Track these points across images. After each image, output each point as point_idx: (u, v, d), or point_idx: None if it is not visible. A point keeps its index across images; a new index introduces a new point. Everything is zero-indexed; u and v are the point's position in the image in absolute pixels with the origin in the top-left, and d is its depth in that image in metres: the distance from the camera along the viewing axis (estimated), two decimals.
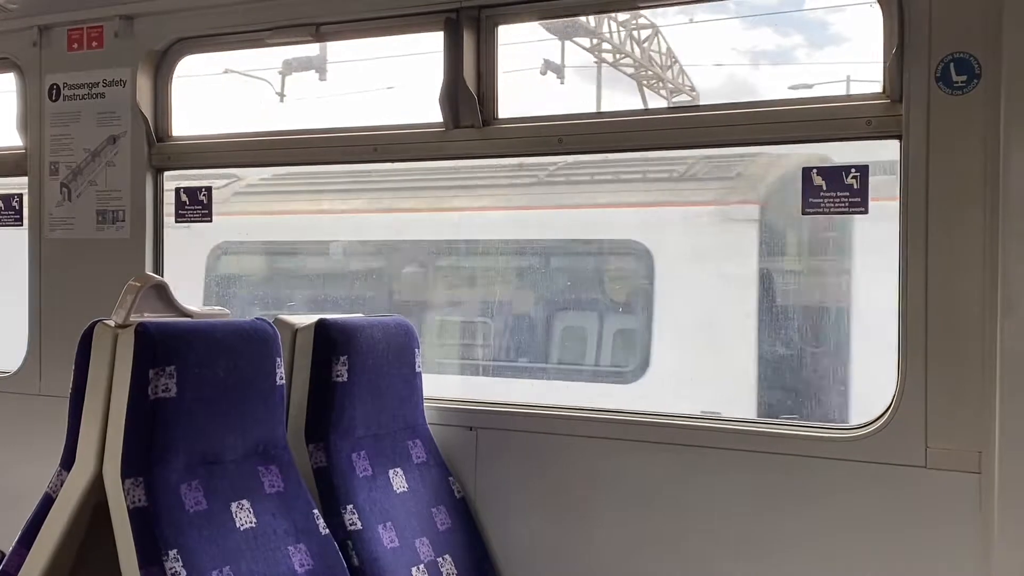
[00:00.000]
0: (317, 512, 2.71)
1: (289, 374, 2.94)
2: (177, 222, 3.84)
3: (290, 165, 3.98)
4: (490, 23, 3.30)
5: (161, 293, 2.64)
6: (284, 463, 2.71)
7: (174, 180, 3.86)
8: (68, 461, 2.48)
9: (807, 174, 2.87)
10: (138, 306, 2.53)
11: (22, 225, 4.09)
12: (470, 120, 3.28)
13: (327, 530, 2.71)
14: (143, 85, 3.77)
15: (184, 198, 3.81)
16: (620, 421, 3.14)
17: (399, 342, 3.19)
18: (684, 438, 3.01)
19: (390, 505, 2.98)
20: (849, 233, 5.04)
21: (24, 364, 4.00)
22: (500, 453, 3.24)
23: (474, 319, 6.10)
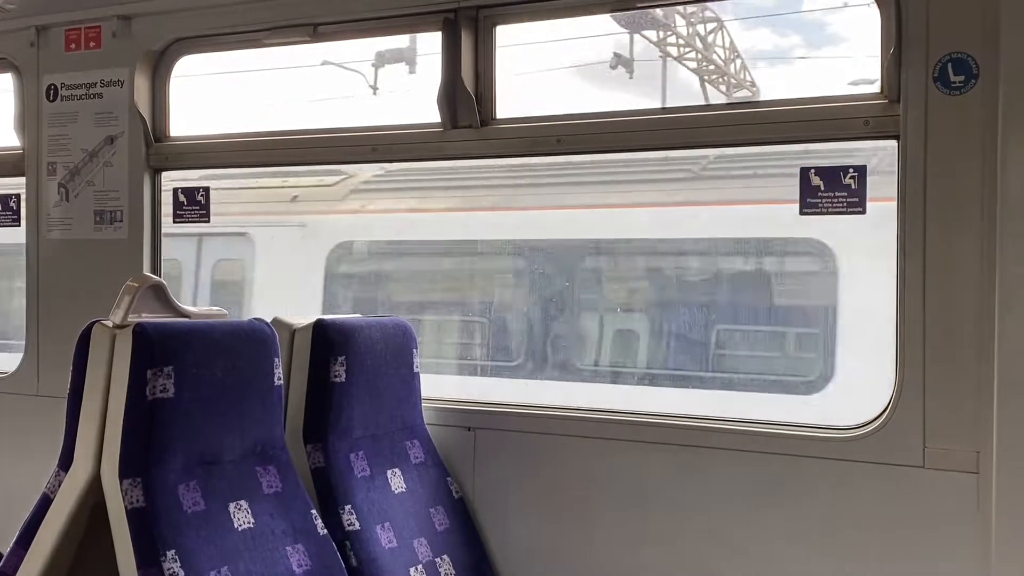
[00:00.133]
0: (315, 512, 2.71)
1: (287, 374, 2.94)
2: (175, 223, 3.84)
3: (288, 165, 3.97)
4: (488, 23, 3.30)
5: (159, 293, 2.63)
6: (282, 463, 2.70)
7: (172, 181, 3.86)
8: (66, 461, 2.48)
9: (805, 174, 2.87)
10: (136, 306, 2.53)
11: (20, 225, 4.09)
12: (468, 120, 3.28)
13: (325, 530, 2.70)
14: (141, 85, 3.77)
15: (182, 198, 3.81)
16: (618, 421, 3.14)
17: (397, 342, 3.19)
18: (682, 438, 3.01)
19: (388, 505, 2.98)
20: None
21: (22, 364, 3.99)
22: (498, 453, 3.24)
23: (632, 326, 5.57)
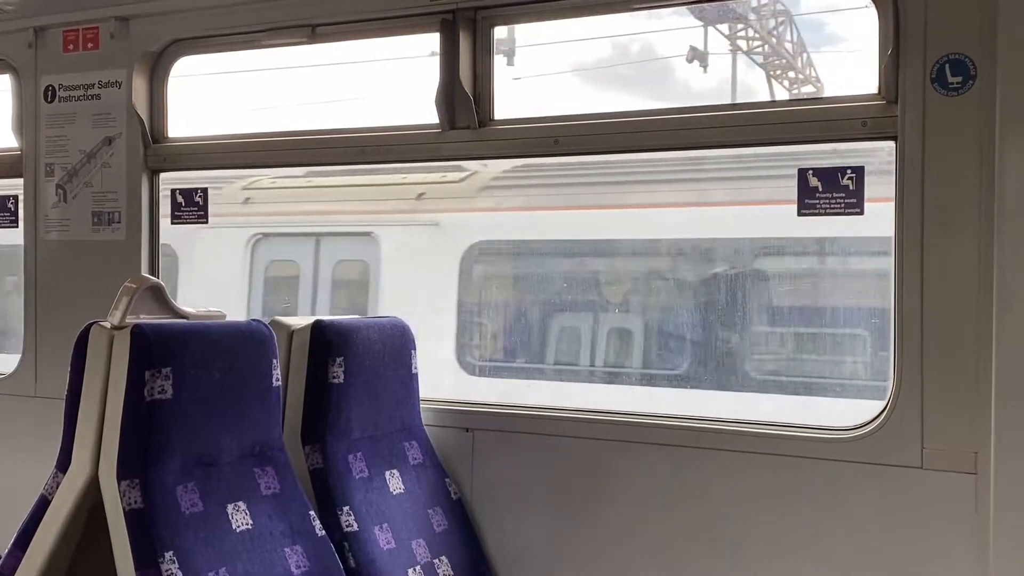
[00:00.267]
0: (313, 514, 2.71)
1: (285, 375, 2.94)
2: (173, 224, 3.84)
3: (285, 166, 3.97)
4: (486, 24, 3.30)
5: (157, 294, 2.63)
6: (280, 465, 2.70)
7: (170, 182, 3.86)
8: (64, 463, 2.48)
9: (803, 175, 2.88)
10: (134, 307, 2.53)
11: (18, 226, 4.09)
12: (466, 121, 3.28)
13: (323, 531, 2.70)
14: (139, 86, 3.76)
15: (180, 199, 3.81)
16: (616, 422, 3.14)
17: (395, 343, 3.19)
18: (680, 439, 3.01)
19: (386, 506, 2.98)
20: None
21: (20, 366, 3.99)
22: (496, 454, 3.24)
23: (837, 328, 5.16)
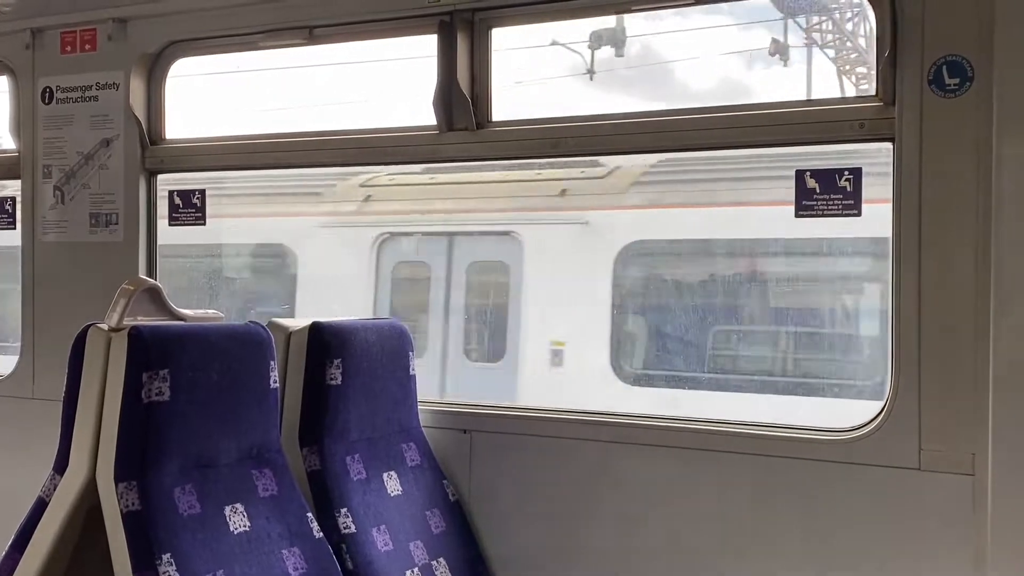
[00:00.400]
0: (311, 515, 2.71)
1: (283, 377, 2.94)
2: (171, 225, 3.84)
3: (283, 167, 3.96)
4: (483, 26, 3.30)
5: (154, 296, 2.63)
6: (278, 466, 2.70)
7: (168, 183, 3.86)
8: (61, 465, 2.47)
9: (800, 176, 2.88)
10: (131, 309, 2.52)
11: (15, 228, 4.09)
12: (464, 123, 3.28)
13: (321, 533, 2.70)
14: (136, 88, 3.76)
15: (177, 201, 3.80)
16: (615, 424, 3.14)
17: (393, 345, 3.19)
18: (677, 441, 3.01)
19: (384, 508, 2.98)
20: None
21: (17, 367, 3.99)
22: (494, 456, 3.24)
23: None
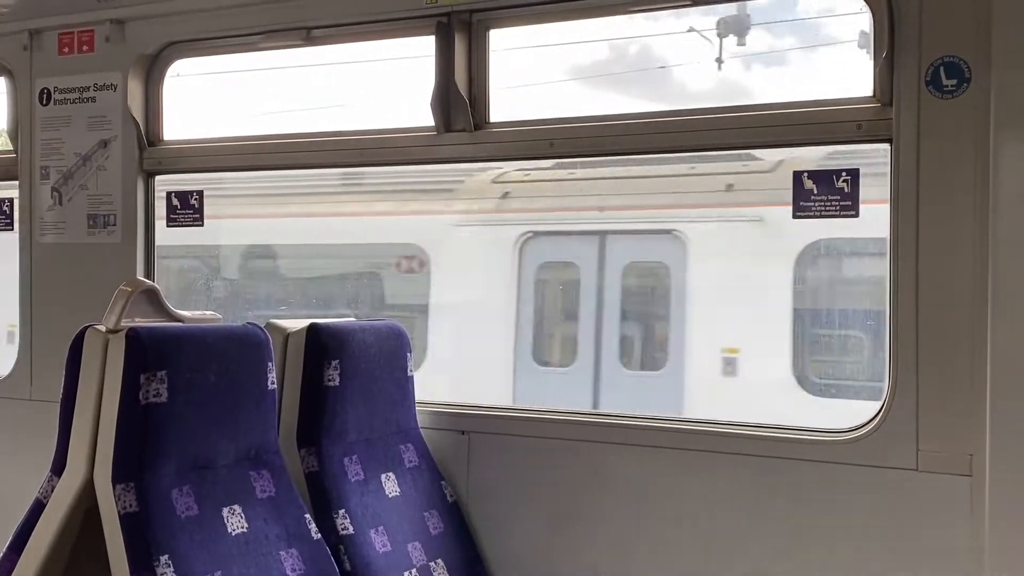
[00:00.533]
0: (309, 517, 2.71)
1: (281, 379, 2.94)
2: (169, 226, 3.84)
3: (281, 168, 3.97)
4: (481, 27, 3.30)
5: (152, 298, 2.63)
6: (276, 468, 2.70)
7: (166, 184, 3.86)
8: (59, 466, 2.47)
9: (798, 177, 2.88)
10: (129, 311, 2.52)
11: (13, 229, 4.08)
12: (461, 124, 3.28)
13: (319, 535, 2.70)
14: (134, 89, 3.76)
15: (175, 202, 3.80)
16: (613, 424, 3.14)
17: (391, 346, 3.19)
18: (675, 441, 3.01)
19: (382, 509, 2.98)
20: None
21: (15, 369, 3.98)
22: (492, 457, 3.24)
23: None
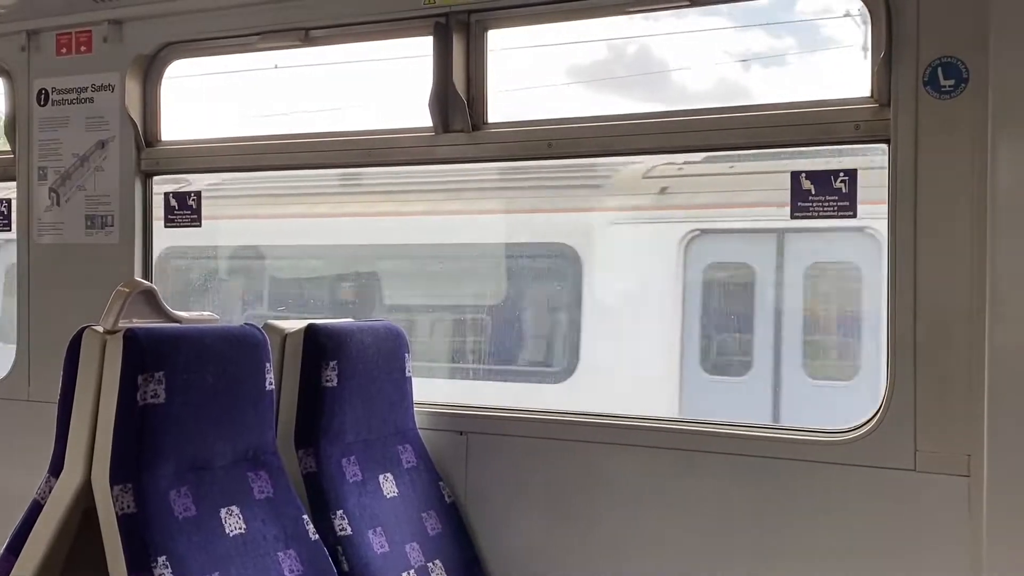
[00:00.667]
0: (307, 518, 2.71)
1: (279, 379, 2.93)
2: (167, 227, 3.84)
3: (279, 169, 3.96)
4: (479, 27, 3.30)
5: (149, 299, 2.63)
6: (274, 469, 2.70)
7: (164, 184, 3.86)
8: (57, 467, 2.47)
9: (796, 178, 2.88)
10: (126, 312, 2.52)
11: (10, 230, 4.08)
12: (460, 125, 3.28)
13: (317, 536, 2.70)
14: (132, 90, 3.76)
15: (173, 203, 3.80)
16: (612, 425, 3.13)
17: (389, 347, 3.18)
18: (673, 442, 3.01)
19: (380, 510, 2.98)
20: None
21: (13, 369, 3.98)
22: (490, 458, 3.24)
23: None
